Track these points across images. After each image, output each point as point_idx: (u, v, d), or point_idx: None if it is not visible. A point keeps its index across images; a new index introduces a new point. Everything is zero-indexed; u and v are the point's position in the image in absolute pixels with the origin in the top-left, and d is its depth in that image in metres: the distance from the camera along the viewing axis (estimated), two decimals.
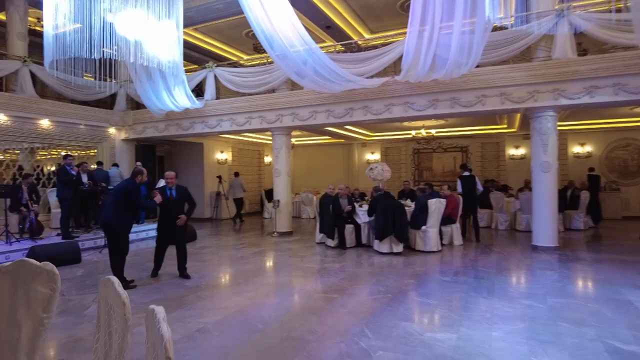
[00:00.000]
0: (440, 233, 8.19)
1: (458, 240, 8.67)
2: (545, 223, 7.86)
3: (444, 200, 8.07)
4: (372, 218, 8.00)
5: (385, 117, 8.69)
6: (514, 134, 14.42)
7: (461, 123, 13.34)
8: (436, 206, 7.81)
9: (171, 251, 6.13)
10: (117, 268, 5.50)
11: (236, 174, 13.81)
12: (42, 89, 11.15)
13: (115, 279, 1.85)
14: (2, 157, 10.25)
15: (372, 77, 8.48)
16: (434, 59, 7.45)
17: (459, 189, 9.28)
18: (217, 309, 4.61)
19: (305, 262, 7.10)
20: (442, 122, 12.65)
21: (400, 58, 8.01)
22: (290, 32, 7.86)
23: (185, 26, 12.35)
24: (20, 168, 10.42)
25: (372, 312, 4.44)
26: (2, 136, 9.59)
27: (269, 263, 7.32)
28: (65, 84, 10.57)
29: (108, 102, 12.55)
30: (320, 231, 8.64)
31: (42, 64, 10.29)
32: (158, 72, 9.43)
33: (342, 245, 8.15)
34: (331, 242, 8.26)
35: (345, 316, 4.32)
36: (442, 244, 8.15)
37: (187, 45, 13.53)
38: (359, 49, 11.51)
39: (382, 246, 7.57)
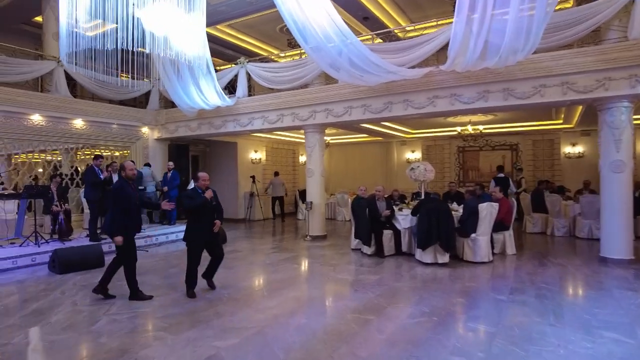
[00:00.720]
0: (491, 241, 7.28)
1: (511, 249, 7.71)
2: (617, 232, 6.76)
3: (497, 204, 7.15)
4: (414, 223, 7.24)
5: (428, 111, 7.86)
6: (571, 130, 13.10)
7: (511, 118, 12.24)
8: (488, 211, 6.91)
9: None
10: (128, 279, 5.03)
11: (276, 174, 13.79)
12: (80, 90, 11.15)
13: None
14: (38, 157, 10.31)
15: (413, 67, 7.70)
16: (486, 45, 6.58)
17: (491, 189, 9.18)
18: (235, 329, 4.03)
19: (338, 272, 6.43)
20: (490, 117, 11.63)
21: (445, 47, 7.21)
22: (325, 22, 7.21)
23: (217, 22, 12.16)
24: (56, 168, 10.43)
25: (415, 341, 3.71)
26: (37, 136, 9.57)
27: (299, 272, 6.70)
28: (97, 83, 10.47)
29: (144, 102, 12.46)
30: (356, 237, 7.94)
31: (76, 64, 10.37)
32: (186, 69, 9.08)
33: (379, 253, 7.41)
34: (367, 250, 7.54)
35: (382, 346, 3.62)
36: (493, 254, 7.24)
37: (220, 43, 13.30)
38: (397, 40, 10.71)
39: (426, 256, 6.77)
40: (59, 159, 10.68)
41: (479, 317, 4.37)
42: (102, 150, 11.25)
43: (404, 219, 7.49)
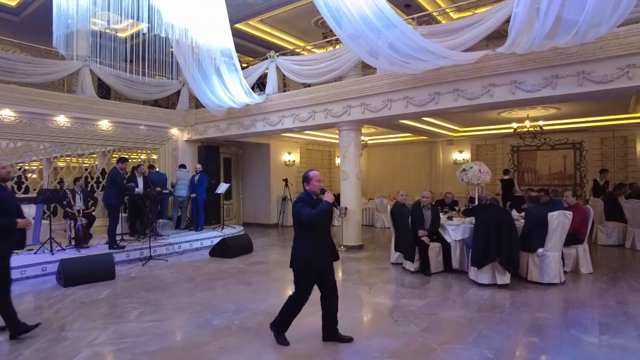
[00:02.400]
0: (562, 257, 5.97)
1: (586, 267, 6.36)
2: None
3: (570, 213, 5.84)
4: (467, 235, 6.10)
5: (484, 102, 6.64)
6: None
7: (576, 112, 10.70)
8: (560, 221, 5.63)
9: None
10: (3, 312, 3.89)
11: None
12: (114, 92, 10.80)
13: None
14: (62, 162, 10.01)
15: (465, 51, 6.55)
16: (558, 19, 5.34)
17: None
18: None
19: (375, 295, 5.39)
20: (552, 111, 10.16)
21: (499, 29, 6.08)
22: (363, 3, 6.26)
23: (248, 17, 11.43)
24: (85, 171, 10.10)
25: None
26: (62, 138, 9.22)
27: None
28: (125, 83, 10.08)
29: (177, 102, 11.99)
30: (396, 249, 6.86)
31: (101, 63, 10.01)
32: (210, 64, 8.38)
33: (424, 270, 6.28)
34: (410, 266, 6.42)
35: None
36: (564, 273, 5.94)
37: (252, 39, 12.59)
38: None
39: (482, 275, 5.58)
40: (95, 162, 10.45)
41: None
42: (130, 153, 10.86)
43: (455, 229, 6.32)
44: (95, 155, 10.54)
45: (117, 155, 10.50)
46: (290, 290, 5.72)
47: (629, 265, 6.96)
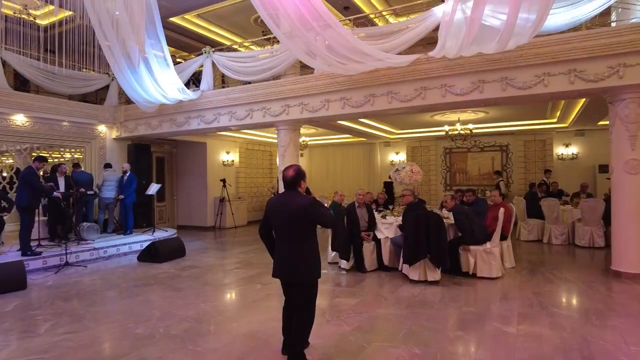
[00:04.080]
0: None
1: (510, 262, 6.76)
2: (632, 242, 5.85)
3: (503, 210, 6.18)
4: (398, 233, 6.23)
5: (416, 105, 6.84)
6: (564, 129, 12.36)
7: (502, 117, 11.41)
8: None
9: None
10: None
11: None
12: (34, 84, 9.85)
13: None
14: None
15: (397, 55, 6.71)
16: (481, 27, 5.63)
17: None
18: None
19: None
20: (481, 115, 10.75)
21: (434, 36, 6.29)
22: (300, 3, 6.17)
23: (184, 11, 10.96)
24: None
25: None
26: None
27: (261, 296, 5.42)
28: (46, 75, 9.25)
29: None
30: (332, 249, 6.88)
31: (17, 52, 9.11)
32: (139, 57, 7.88)
33: (360, 268, 6.35)
34: (346, 264, 6.45)
35: None
36: None
37: (189, 34, 12.13)
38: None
39: (412, 272, 5.74)
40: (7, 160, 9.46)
41: None
42: (51, 152, 9.99)
43: (387, 228, 6.45)
44: (7, 154, 9.57)
45: (36, 154, 9.64)
46: (220, 296, 5.53)
47: (545, 259, 7.50)
